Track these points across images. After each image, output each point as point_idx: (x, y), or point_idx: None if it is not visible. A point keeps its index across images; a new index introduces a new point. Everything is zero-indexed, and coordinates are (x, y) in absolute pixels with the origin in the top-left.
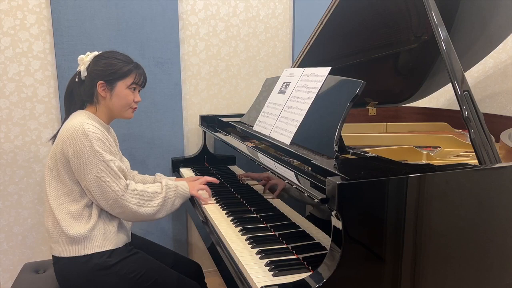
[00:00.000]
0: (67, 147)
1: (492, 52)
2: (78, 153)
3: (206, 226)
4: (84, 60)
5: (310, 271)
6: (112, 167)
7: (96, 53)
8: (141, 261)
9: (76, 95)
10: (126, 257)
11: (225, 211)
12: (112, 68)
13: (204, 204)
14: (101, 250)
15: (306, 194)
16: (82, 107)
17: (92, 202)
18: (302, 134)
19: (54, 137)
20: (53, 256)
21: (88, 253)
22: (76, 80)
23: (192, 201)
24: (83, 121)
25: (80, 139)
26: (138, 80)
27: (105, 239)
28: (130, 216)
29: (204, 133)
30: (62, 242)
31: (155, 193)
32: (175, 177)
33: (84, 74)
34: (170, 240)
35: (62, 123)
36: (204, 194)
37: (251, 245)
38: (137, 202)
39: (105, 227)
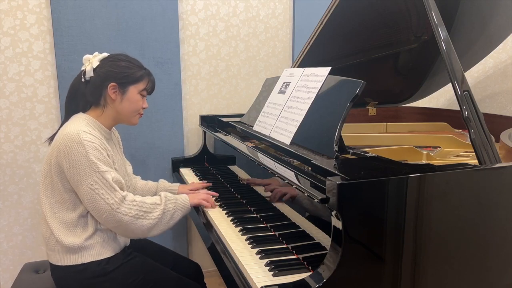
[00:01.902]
0: (62, 155)
1: (492, 52)
2: (73, 163)
3: (206, 226)
4: (92, 60)
5: (310, 271)
6: (107, 179)
7: (105, 54)
8: (139, 266)
9: (80, 96)
10: (123, 262)
11: (225, 211)
12: (127, 71)
13: (207, 208)
14: (98, 259)
15: (306, 194)
16: (84, 108)
17: (88, 212)
18: (302, 134)
19: (52, 138)
20: (50, 263)
21: (85, 262)
22: (82, 80)
23: None
24: (79, 128)
25: (75, 148)
26: (149, 87)
27: (102, 247)
28: (125, 230)
29: (204, 133)
30: (58, 251)
31: (154, 204)
32: (179, 184)
33: (90, 74)
34: (170, 240)
35: (62, 124)
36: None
37: (251, 245)
38: (135, 214)
39: (102, 235)
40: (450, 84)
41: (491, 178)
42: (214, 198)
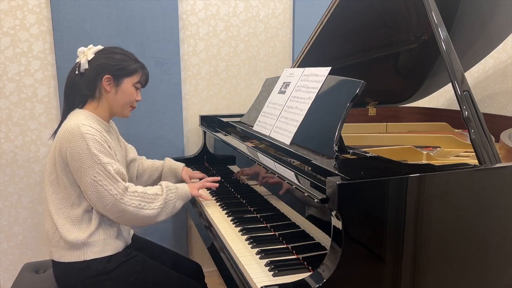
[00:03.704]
0: (65, 149)
1: (492, 52)
2: (75, 156)
3: (206, 226)
4: (86, 52)
5: (310, 271)
6: (109, 170)
7: (100, 47)
8: (140, 265)
9: (76, 90)
10: (124, 261)
11: (225, 211)
12: (121, 64)
13: (205, 201)
14: (100, 256)
15: (306, 194)
16: (81, 103)
17: (92, 207)
18: (302, 134)
19: (55, 134)
20: (52, 260)
21: (87, 259)
22: (76, 72)
23: (192, 201)
24: (79, 122)
25: (76, 141)
26: (143, 80)
27: (105, 244)
28: (129, 219)
29: (204, 133)
30: (61, 247)
31: (155, 195)
32: (183, 164)
33: (85, 66)
34: (171, 240)
35: (61, 120)
36: (205, 192)
37: (251, 245)
38: (138, 205)
39: (105, 232)
40: (450, 84)
41: (491, 178)
42: (214, 198)
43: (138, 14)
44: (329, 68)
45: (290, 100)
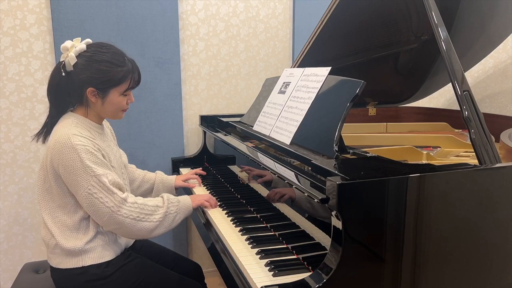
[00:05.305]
0: (57, 162)
1: (492, 52)
2: (68, 169)
3: (206, 226)
4: (70, 51)
5: (310, 271)
6: (104, 182)
7: (84, 47)
8: (139, 267)
9: (63, 92)
10: (123, 265)
11: (225, 211)
12: (105, 76)
13: (207, 208)
14: (98, 262)
15: (306, 194)
16: (73, 106)
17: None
18: (302, 134)
19: (38, 135)
20: (50, 266)
21: (86, 265)
22: (63, 74)
23: None
24: (70, 132)
25: (68, 154)
26: (132, 85)
27: (103, 249)
28: (126, 232)
29: (204, 133)
30: (59, 254)
31: (156, 207)
32: (175, 176)
33: (69, 68)
34: (171, 240)
35: (50, 122)
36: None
37: (251, 245)
38: (136, 216)
39: (103, 238)
40: (450, 84)
41: (491, 178)
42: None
43: (138, 14)
44: (329, 68)
45: (290, 100)
